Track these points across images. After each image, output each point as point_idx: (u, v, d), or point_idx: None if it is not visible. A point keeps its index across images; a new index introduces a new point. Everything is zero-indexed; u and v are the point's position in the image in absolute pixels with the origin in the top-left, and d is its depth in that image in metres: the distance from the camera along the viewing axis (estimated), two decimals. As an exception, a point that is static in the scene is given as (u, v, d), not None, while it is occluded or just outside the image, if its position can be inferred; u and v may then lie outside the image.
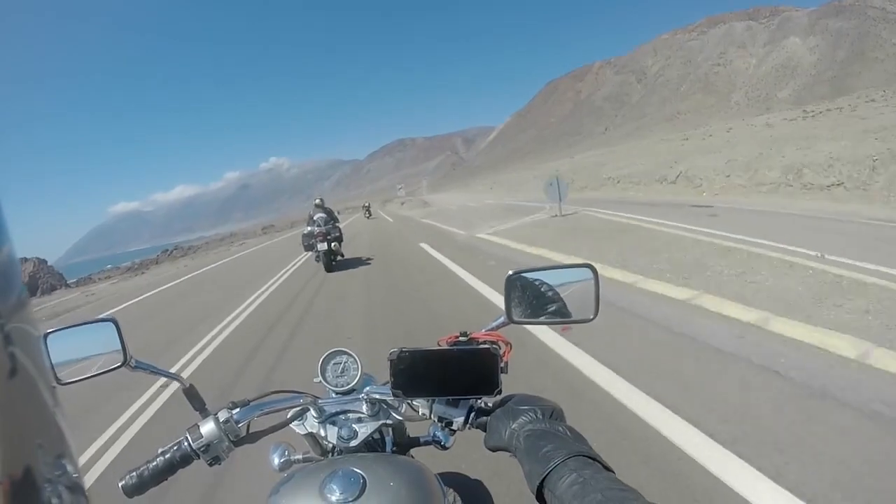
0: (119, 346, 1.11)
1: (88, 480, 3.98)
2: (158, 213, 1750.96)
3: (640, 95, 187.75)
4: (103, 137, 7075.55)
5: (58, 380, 1.07)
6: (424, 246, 13.84)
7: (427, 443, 1.22)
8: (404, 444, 1.26)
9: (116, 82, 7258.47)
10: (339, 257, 13.05)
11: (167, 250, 62.31)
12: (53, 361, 1.06)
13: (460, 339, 1.01)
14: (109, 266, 61.47)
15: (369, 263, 12.83)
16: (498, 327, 1.05)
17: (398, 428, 1.24)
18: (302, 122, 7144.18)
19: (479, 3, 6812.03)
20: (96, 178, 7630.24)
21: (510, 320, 1.02)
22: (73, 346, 1.11)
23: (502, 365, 0.92)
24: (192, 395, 1.16)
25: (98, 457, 4.28)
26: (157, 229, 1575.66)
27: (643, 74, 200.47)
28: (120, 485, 1.04)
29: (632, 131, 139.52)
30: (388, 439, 1.23)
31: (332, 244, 12.34)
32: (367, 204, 51.87)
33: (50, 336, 1.07)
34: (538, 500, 0.72)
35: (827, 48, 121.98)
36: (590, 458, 0.71)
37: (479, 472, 2.43)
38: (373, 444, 1.19)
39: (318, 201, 13.56)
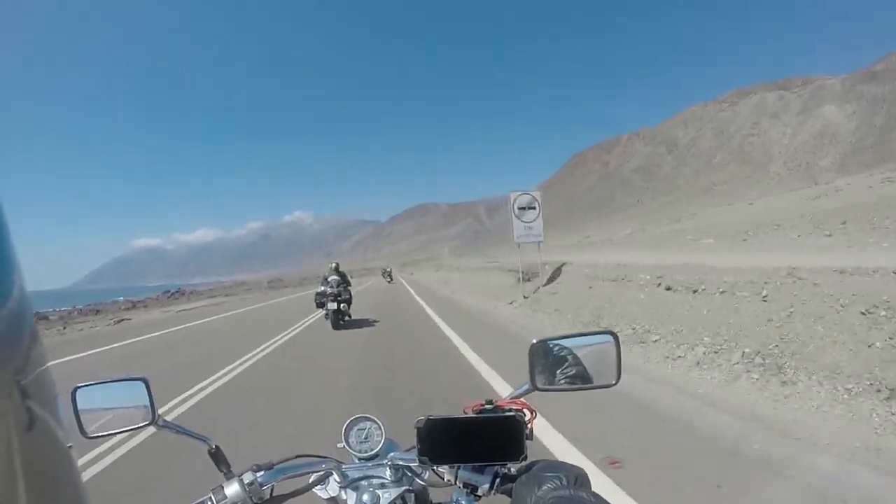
0: (148, 404, 1.12)
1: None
2: (178, 252, 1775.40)
3: (672, 167, 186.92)
4: (134, 173, 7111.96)
5: (84, 433, 1.08)
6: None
7: None
8: None
9: (153, 120, 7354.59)
10: (346, 318, 14.12)
11: (168, 291, 61.91)
12: (81, 415, 1.08)
13: (486, 406, 1.02)
14: (122, 298, 60.76)
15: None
16: (522, 394, 1.06)
17: (421, 494, 1.23)
18: (327, 179, 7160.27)
19: (506, 76, 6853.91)
20: (124, 209, 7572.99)
21: (534, 387, 1.04)
22: (102, 401, 1.12)
23: (527, 431, 0.94)
24: (217, 457, 1.16)
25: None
26: (175, 268, 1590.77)
27: (674, 146, 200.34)
28: None
29: (665, 204, 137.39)
30: None
31: (342, 305, 13.70)
32: (388, 269, 52.06)
33: (79, 390, 1.08)
34: None
35: (864, 115, 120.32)
36: None
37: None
38: None
39: (333, 265, 14.72)
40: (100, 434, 1.11)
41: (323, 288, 13.85)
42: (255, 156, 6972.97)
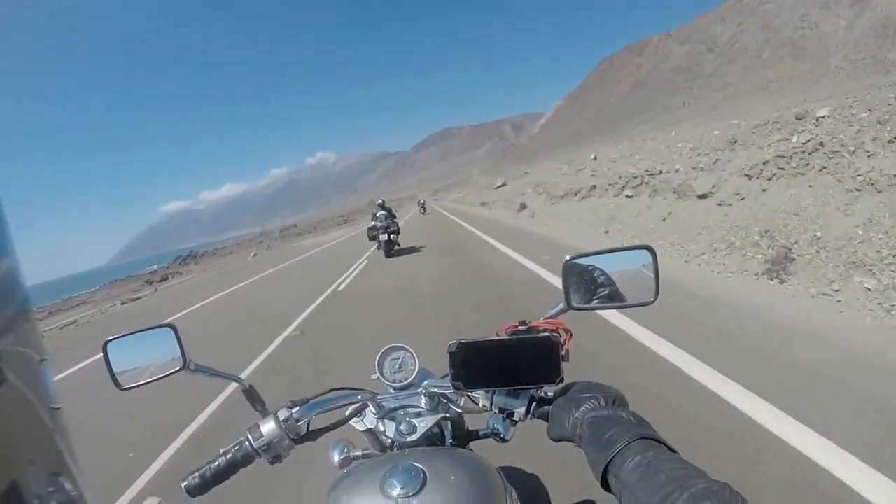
0: (178, 351, 1.12)
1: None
2: (208, 210, 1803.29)
3: (715, 66, 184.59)
4: (153, 139, 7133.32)
5: (119, 385, 1.09)
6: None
7: (486, 435, 1.20)
8: (463, 437, 1.25)
9: (164, 85, 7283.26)
10: (396, 246, 16.04)
11: (180, 257, 61.42)
12: (114, 368, 1.09)
13: (519, 328, 0.99)
14: (156, 266, 61.94)
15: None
16: (557, 314, 1.02)
17: (457, 421, 1.23)
18: (346, 115, 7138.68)
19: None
20: (147, 179, 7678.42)
21: (569, 306, 1.00)
22: (133, 353, 1.13)
23: (563, 353, 0.91)
24: (251, 395, 1.16)
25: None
26: (207, 227, 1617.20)
27: (713, 43, 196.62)
28: (183, 485, 1.06)
29: (718, 102, 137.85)
30: (448, 433, 1.23)
31: (391, 235, 15.52)
32: (422, 200, 50.84)
33: (110, 343, 1.09)
34: (603, 487, 0.71)
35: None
36: (654, 440, 0.70)
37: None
38: (432, 439, 1.18)
39: (380, 202, 16.49)
40: (133, 385, 1.11)
41: (373, 223, 15.64)
42: (270, 103, 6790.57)
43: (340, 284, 12.09)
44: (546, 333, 0.91)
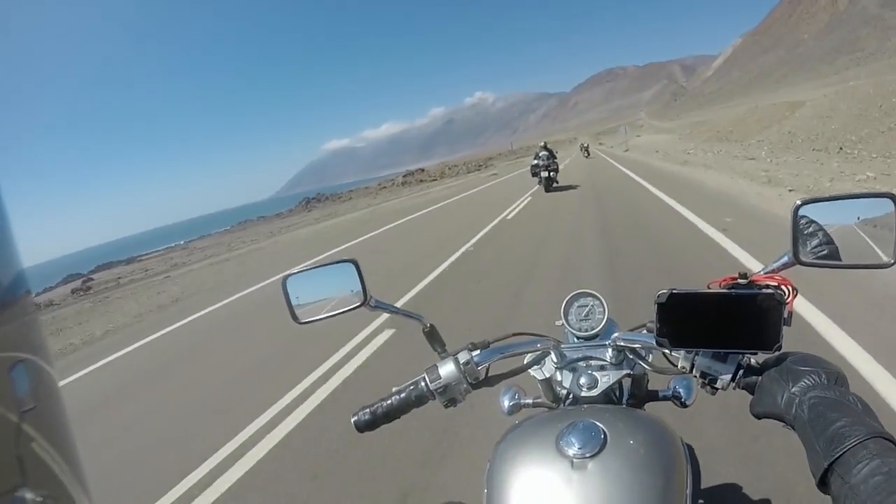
0: (359, 286, 1.09)
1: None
2: (367, 149, 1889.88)
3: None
4: (319, 77, 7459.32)
5: (296, 319, 1.11)
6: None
7: (666, 398, 1.13)
8: (641, 396, 1.15)
9: (332, 23, 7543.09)
10: (555, 183, 18.15)
11: (307, 199, 61.60)
12: (293, 302, 1.11)
13: (739, 280, 0.83)
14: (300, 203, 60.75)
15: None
16: (781, 268, 0.86)
17: (640, 380, 1.13)
18: (506, 54, 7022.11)
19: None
20: (311, 117, 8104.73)
21: (797, 260, 0.84)
22: (313, 287, 1.14)
23: (785, 315, 0.77)
24: (432, 335, 1.11)
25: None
26: (365, 164, 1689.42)
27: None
28: (352, 420, 1.04)
29: None
30: (626, 390, 1.15)
31: (551, 173, 17.94)
32: (585, 144, 47.34)
33: (290, 278, 1.11)
34: (819, 485, 0.62)
35: None
36: (891, 441, 0.59)
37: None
38: (610, 395, 1.09)
39: (542, 143, 18.83)
40: (311, 319, 1.11)
41: (536, 161, 18.13)
42: (431, 41, 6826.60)
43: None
44: (770, 290, 0.78)
